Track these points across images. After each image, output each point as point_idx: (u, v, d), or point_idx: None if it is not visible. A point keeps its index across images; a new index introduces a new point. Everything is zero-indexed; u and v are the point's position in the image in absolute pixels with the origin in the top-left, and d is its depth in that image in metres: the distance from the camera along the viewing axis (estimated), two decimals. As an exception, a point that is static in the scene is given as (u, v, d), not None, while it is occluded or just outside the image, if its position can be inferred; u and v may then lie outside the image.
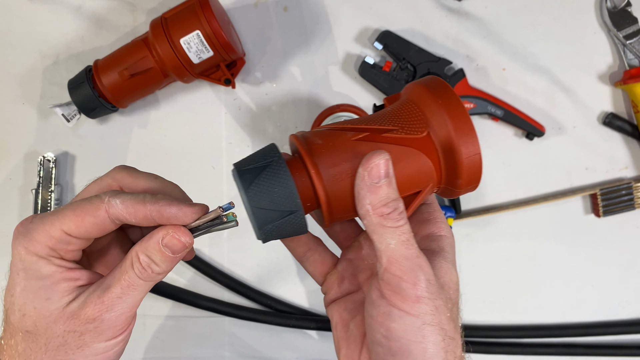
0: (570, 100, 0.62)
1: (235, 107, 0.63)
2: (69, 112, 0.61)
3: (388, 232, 0.30)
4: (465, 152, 0.30)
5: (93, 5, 0.62)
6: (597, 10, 0.60)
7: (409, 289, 0.29)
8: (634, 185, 0.61)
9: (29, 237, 0.32)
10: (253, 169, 0.30)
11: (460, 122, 0.30)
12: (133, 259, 0.32)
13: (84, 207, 0.32)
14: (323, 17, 0.61)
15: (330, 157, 0.31)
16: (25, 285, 0.31)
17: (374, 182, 0.29)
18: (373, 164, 0.29)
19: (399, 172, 0.31)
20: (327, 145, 0.31)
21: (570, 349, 0.65)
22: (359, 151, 0.31)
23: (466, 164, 0.30)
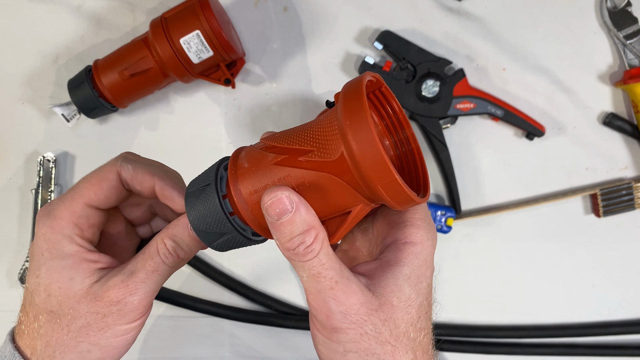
0: (570, 100, 0.62)
1: (235, 107, 0.63)
2: (69, 112, 0.61)
3: (298, 265, 0.29)
4: (360, 153, 0.27)
5: (93, 5, 0.62)
6: (597, 10, 0.60)
7: (324, 321, 0.29)
8: (634, 185, 0.61)
9: (52, 216, 0.33)
10: (194, 192, 0.32)
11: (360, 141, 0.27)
12: (159, 245, 0.34)
13: (98, 174, 0.34)
14: (323, 17, 0.61)
15: (252, 182, 0.30)
16: (50, 265, 0.32)
17: (275, 220, 0.29)
18: (269, 202, 0.28)
19: (317, 198, 0.29)
20: (251, 170, 0.31)
21: (570, 349, 0.65)
22: (276, 177, 0.30)
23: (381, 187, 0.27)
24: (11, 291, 0.67)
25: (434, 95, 0.59)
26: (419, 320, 0.30)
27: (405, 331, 0.30)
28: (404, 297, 0.30)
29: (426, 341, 0.31)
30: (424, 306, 0.31)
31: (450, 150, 0.61)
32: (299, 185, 0.29)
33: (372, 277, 0.31)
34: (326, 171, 0.29)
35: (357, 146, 0.27)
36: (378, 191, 0.27)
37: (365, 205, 0.30)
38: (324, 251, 0.29)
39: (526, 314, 0.66)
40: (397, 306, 0.30)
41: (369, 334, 0.29)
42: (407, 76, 0.59)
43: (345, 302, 0.29)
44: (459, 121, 0.62)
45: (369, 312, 0.29)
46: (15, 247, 0.66)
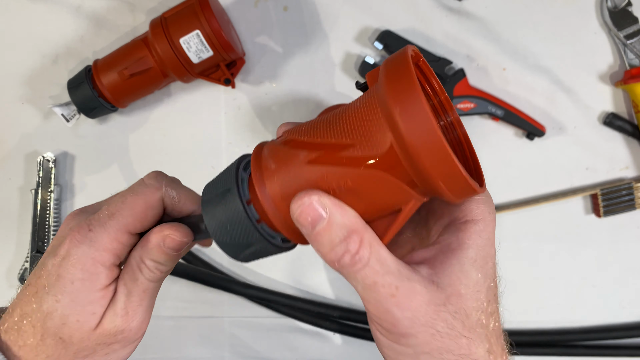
0: (570, 100, 0.62)
1: (235, 107, 0.63)
2: (69, 112, 0.61)
3: (350, 277, 0.26)
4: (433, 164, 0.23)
5: (92, 5, 0.62)
6: (597, 10, 0.60)
7: (391, 328, 0.27)
8: (634, 185, 0.61)
9: (95, 246, 0.31)
10: (213, 199, 0.29)
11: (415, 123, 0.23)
12: (140, 266, 0.32)
13: (142, 200, 0.32)
14: (323, 17, 0.61)
15: (282, 186, 0.27)
16: (76, 297, 0.31)
17: (310, 231, 0.26)
18: (299, 211, 0.25)
19: (362, 199, 0.26)
20: (279, 171, 0.27)
21: (570, 350, 0.65)
22: (311, 178, 0.26)
23: (440, 180, 0.23)
24: (11, 291, 0.66)
25: (434, 95, 0.59)
26: (489, 304, 0.28)
27: (478, 319, 0.27)
28: (472, 283, 0.27)
29: (498, 325, 0.29)
30: (492, 288, 0.29)
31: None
32: (340, 187, 0.25)
33: (433, 265, 0.27)
34: (372, 167, 0.25)
35: (411, 134, 0.23)
36: (436, 185, 0.24)
37: (417, 202, 0.26)
38: (375, 256, 0.26)
39: (526, 314, 0.66)
40: (465, 294, 0.27)
41: (441, 332, 0.26)
42: (407, 76, 0.59)
43: (410, 306, 0.26)
44: (459, 121, 0.61)
45: (437, 309, 0.26)
46: (15, 247, 0.66)
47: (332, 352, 0.67)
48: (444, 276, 0.27)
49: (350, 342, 0.66)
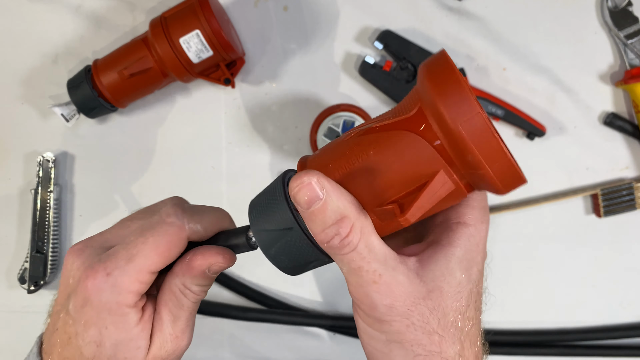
0: (571, 100, 0.62)
1: (235, 107, 0.63)
2: (68, 112, 0.61)
3: (337, 258, 0.27)
4: (454, 113, 0.23)
5: (92, 4, 0.62)
6: (598, 10, 0.60)
7: (368, 311, 0.28)
8: (635, 186, 0.61)
9: (117, 291, 0.30)
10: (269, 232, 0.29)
11: (445, 81, 0.24)
12: (184, 292, 0.32)
13: (165, 239, 0.31)
14: (323, 17, 0.61)
15: (321, 160, 0.28)
16: (117, 338, 0.30)
17: (305, 209, 0.26)
18: (297, 189, 0.26)
19: (383, 168, 0.26)
20: (322, 152, 0.29)
21: (570, 350, 0.65)
22: (343, 151, 0.27)
23: (464, 130, 0.23)
24: (11, 291, 0.67)
25: (435, 95, 0.59)
26: (468, 308, 0.28)
27: (454, 320, 0.28)
28: (455, 282, 0.28)
29: (474, 332, 0.29)
30: (474, 294, 0.29)
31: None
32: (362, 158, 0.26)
33: (421, 259, 0.28)
34: (400, 128, 0.25)
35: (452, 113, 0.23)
36: (458, 134, 0.23)
37: (447, 175, 0.25)
38: (364, 242, 0.27)
39: (526, 314, 0.66)
40: (446, 292, 0.27)
41: (415, 324, 0.27)
42: (408, 76, 0.59)
43: (390, 294, 0.27)
44: (459, 121, 0.61)
45: (416, 301, 0.27)
46: (15, 247, 0.66)
47: (332, 352, 0.67)
48: (429, 270, 0.28)
49: (350, 342, 0.66)
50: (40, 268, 0.63)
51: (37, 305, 0.67)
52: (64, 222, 0.66)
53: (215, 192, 0.64)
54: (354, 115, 0.59)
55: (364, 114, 0.60)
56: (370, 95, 0.62)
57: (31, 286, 0.64)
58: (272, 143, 0.64)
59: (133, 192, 0.65)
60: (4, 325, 0.68)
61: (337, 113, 0.59)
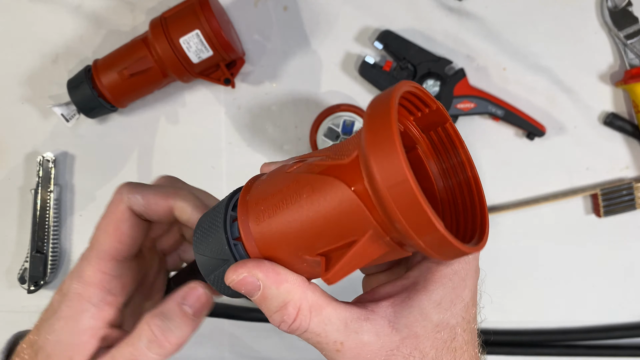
0: (571, 100, 0.62)
1: (234, 107, 0.63)
2: (69, 112, 0.61)
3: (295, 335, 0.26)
4: (383, 174, 0.20)
5: (92, 4, 0.62)
6: (597, 10, 0.60)
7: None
8: (634, 185, 0.61)
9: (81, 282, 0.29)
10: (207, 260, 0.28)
11: (379, 133, 0.21)
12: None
13: (111, 220, 0.31)
14: (323, 17, 0.61)
15: (261, 194, 0.26)
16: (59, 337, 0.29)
17: (250, 297, 0.25)
18: (233, 284, 0.25)
19: (313, 216, 0.23)
20: (264, 182, 0.26)
21: (570, 350, 0.65)
22: (280, 187, 0.25)
23: (390, 196, 0.20)
24: (10, 291, 0.67)
25: (435, 95, 0.59)
26: (453, 340, 0.27)
27: (436, 357, 0.26)
28: (431, 325, 0.26)
29: (466, 357, 0.28)
30: (460, 324, 0.27)
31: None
32: (295, 199, 0.24)
33: (394, 303, 0.26)
34: (332, 174, 0.23)
35: (381, 174, 0.20)
36: (409, 236, 0.21)
37: (379, 237, 0.22)
38: (317, 319, 0.25)
39: (527, 315, 0.66)
40: (423, 335, 0.26)
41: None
42: (408, 76, 0.59)
43: (358, 355, 0.25)
44: (459, 121, 0.61)
45: (389, 353, 0.26)
46: (15, 247, 0.66)
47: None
48: (402, 317, 0.26)
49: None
50: (40, 268, 0.63)
51: (37, 305, 0.66)
52: (64, 222, 0.66)
53: (215, 192, 0.64)
54: (354, 115, 0.59)
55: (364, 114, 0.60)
56: (370, 95, 0.62)
57: (31, 286, 0.64)
58: (272, 143, 0.64)
59: (133, 192, 0.65)
60: (4, 325, 0.68)
61: (337, 113, 0.59)
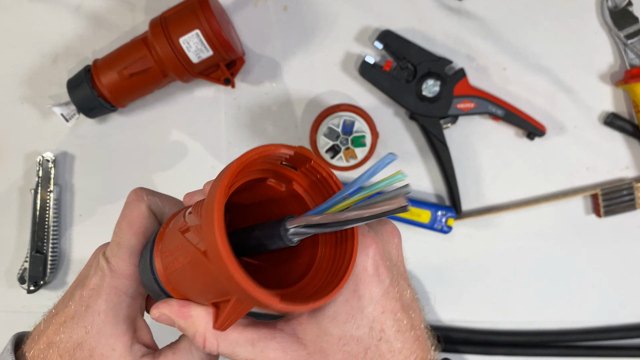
0: (571, 100, 0.62)
1: (234, 107, 0.63)
2: (68, 112, 0.61)
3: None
4: (207, 246, 0.24)
5: (92, 4, 0.62)
6: (598, 10, 0.60)
7: None
8: (635, 185, 0.61)
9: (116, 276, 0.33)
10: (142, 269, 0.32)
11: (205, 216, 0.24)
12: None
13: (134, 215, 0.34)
14: (323, 17, 0.61)
15: (165, 246, 0.31)
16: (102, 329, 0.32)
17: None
18: (155, 317, 0.30)
19: (195, 277, 0.28)
20: (166, 237, 0.31)
21: (570, 350, 0.65)
22: (175, 246, 0.29)
23: (212, 262, 0.24)
24: (10, 291, 0.67)
25: (435, 94, 0.59)
26: (368, 351, 0.27)
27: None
28: (334, 339, 0.27)
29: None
30: (371, 335, 0.27)
31: (451, 150, 0.61)
32: (183, 264, 0.28)
33: (300, 322, 0.29)
34: (202, 254, 0.26)
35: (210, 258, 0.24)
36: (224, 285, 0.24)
37: (240, 302, 0.26)
38: (224, 343, 0.29)
39: (527, 314, 0.66)
40: (328, 349, 0.27)
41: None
42: (408, 76, 0.59)
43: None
44: (459, 121, 0.61)
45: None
46: (15, 247, 0.66)
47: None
48: (307, 333, 0.28)
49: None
50: (40, 268, 0.63)
51: (37, 305, 0.67)
52: (63, 222, 0.66)
53: (215, 192, 0.64)
54: (354, 115, 0.59)
55: (364, 114, 0.60)
56: (370, 95, 0.62)
57: (31, 286, 0.64)
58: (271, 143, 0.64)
59: (133, 192, 0.65)
60: (4, 325, 0.68)
61: (337, 113, 0.59)
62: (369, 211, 0.23)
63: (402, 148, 0.63)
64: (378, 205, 0.23)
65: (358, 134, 0.58)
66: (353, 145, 0.59)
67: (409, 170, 0.64)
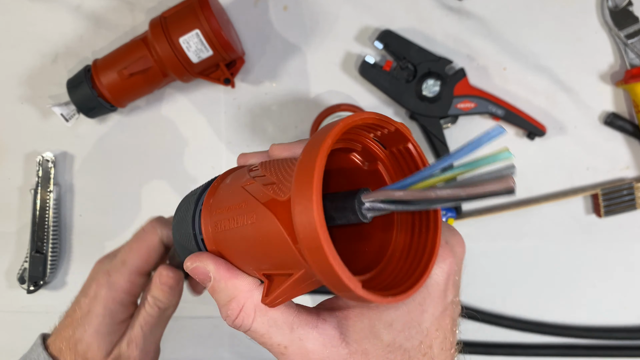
0: (571, 100, 0.62)
1: (234, 107, 0.63)
2: (68, 112, 0.61)
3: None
4: (296, 212, 0.21)
5: (92, 4, 0.62)
6: (598, 10, 0.60)
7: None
8: (635, 185, 0.61)
9: (115, 289, 0.40)
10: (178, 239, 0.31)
11: (301, 187, 0.21)
12: (143, 302, 0.41)
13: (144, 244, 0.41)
14: (323, 17, 0.61)
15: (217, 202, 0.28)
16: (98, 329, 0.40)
17: (204, 285, 0.28)
18: (190, 269, 0.27)
19: (260, 242, 0.24)
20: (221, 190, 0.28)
21: (571, 350, 0.65)
22: (232, 203, 0.26)
23: (299, 230, 0.21)
24: (10, 291, 0.67)
25: (435, 94, 0.59)
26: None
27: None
28: (381, 345, 0.25)
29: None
30: (418, 348, 0.26)
31: (451, 150, 0.61)
32: (243, 222, 0.25)
33: (346, 316, 0.26)
34: (272, 210, 0.23)
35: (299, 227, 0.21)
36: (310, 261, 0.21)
37: (309, 276, 0.23)
38: (261, 319, 0.26)
39: (526, 314, 0.66)
40: (372, 353, 0.25)
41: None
42: (408, 76, 0.59)
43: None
44: (459, 121, 0.61)
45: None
46: (15, 247, 0.66)
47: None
48: (353, 331, 0.26)
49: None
50: (39, 268, 0.63)
51: (37, 305, 0.67)
52: (63, 222, 0.66)
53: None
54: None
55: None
56: (370, 95, 0.62)
57: (31, 286, 0.64)
58: (272, 143, 0.63)
59: (133, 192, 0.65)
60: (4, 325, 0.68)
61: (337, 113, 0.59)
62: (467, 191, 0.19)
63: (402, 148, 0.63)
64: (480, 185, 0.19)
65: (358, 133, 0.58)
66: (353, 145, 0.59)
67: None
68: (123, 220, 0.65)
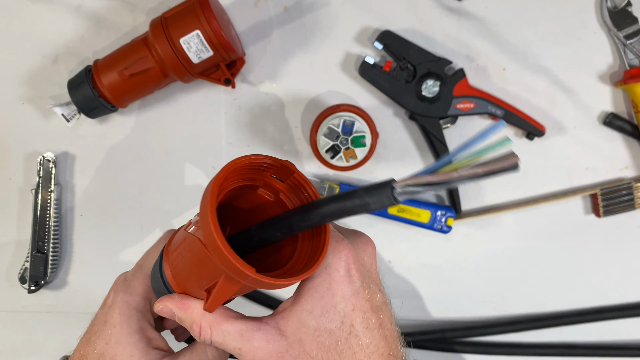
0: (570, 100, 0.62)
1: (235, 107, 0.63)
2: (69, 112, 0.61)
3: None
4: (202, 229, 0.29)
5: (93, 4, 0.62)
6: (597, 10, 0.60)
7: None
8: (634, 185, 0.61)
9: (130, 292, 0.38)
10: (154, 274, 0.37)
11: (201, 207, 0.29)
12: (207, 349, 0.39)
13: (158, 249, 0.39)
14: (323, 17, 0.61)
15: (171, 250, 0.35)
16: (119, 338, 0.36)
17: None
18: (157, 310, 0.35)
19: (196, 265, 0.32)
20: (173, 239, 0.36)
21: (570, 350, 0.65)
22: (179, 243, 0.34)
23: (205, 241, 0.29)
24: (11, 291, 0.67)
25: (434, 95, 0.59)
26: (339, 343, 0.31)
27: (322, 358, 0.31)
28: (310, 330, 0.31)
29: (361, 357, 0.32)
30: (341, 328, 0.31)
31: (451, 150, 0.61)
32: (184, 254, 0.33)
33: (283, 316, 0.33)
34: (198, 237, 0.30)
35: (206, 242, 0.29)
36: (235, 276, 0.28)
37: (229, 278, 0.29)
38: (217, 332, 0.32)
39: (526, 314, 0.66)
40: (306, 340, 0.31)
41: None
42: (407, 76, 0.59)
43: (254, 357, 0.32)
44: (459, 121, 0.61)
45: (278, 355, 0.31)
46: (15, 247, 0.66)
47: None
48: (288, 325, 0.32)
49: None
50: (40, 268, 0.63)
51: (38, 305, 0.67)
52: (64, 222, 0.66)
53: (215, 192, 0.64)
54: (354, 115, 0.59)
55: (364, 114, 0.60)
56: (370, 95, 0.62)
57: (32, 286, 0.64)
58: (272, 143, 0.64)
59: (133, 192, 0.65)
60: (4, 325, 0.68)
61: (337, 113, 0.59)
62: (482, 169, 0.25)
63: (401, 148, 0.63)
64: (490, 164, 0.25)
65: (358, 134, 0.59)
66: (353, 146, 0.59)
67: (409, 170, 0.64)
68: (124, 220, 0.66)
